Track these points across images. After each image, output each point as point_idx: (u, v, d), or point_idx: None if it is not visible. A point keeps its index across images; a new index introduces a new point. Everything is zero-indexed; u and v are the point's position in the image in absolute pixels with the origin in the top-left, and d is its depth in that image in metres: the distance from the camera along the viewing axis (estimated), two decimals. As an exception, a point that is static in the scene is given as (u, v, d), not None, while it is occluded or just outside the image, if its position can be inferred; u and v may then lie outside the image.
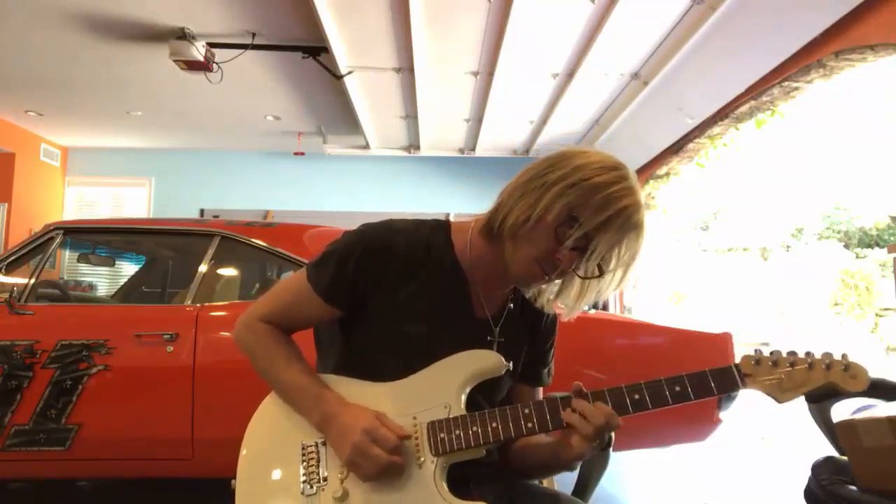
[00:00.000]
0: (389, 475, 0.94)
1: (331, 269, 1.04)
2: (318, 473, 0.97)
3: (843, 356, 0.90)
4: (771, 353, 0.92)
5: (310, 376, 1.03)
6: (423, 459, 0.96)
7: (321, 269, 1.05)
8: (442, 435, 0.97)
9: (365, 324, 1.06)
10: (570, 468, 1.04)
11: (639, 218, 0.97)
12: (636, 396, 0.94)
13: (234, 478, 1.02)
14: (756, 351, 0.93)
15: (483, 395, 1.04)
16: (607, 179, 0.95)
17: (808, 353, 0.92)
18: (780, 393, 0.91)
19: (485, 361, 1.01)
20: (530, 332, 1.14)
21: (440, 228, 1.10)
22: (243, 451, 1.03)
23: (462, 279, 1.07)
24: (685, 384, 0.93)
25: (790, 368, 0.91)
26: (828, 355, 0.91)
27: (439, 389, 1.00)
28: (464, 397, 1.00)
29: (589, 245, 0.95)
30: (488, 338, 1.08)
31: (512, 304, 1.12)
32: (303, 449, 0.99)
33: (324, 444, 0.99)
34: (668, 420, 2.59)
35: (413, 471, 0.95)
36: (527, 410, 0.97)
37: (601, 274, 1.00)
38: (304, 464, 0.98)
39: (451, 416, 0.98)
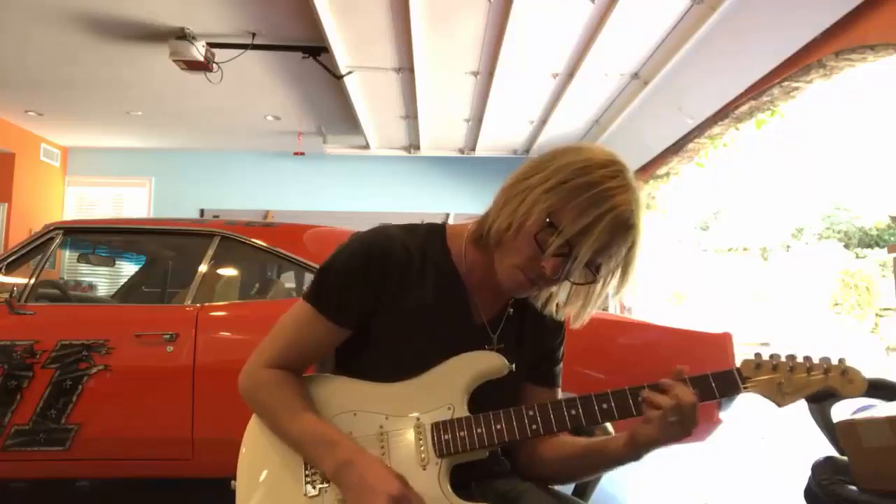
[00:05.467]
0: None
1: (334, 289, 1.00)
2: (320, 475, 0.96)
3: (841, 361, 0.91)
4: (771, 357, 0.93)
5: (319, 423, 0.96)
6: (426, 461, 0.95)
7: (323, 291, 1.00)
8: (446, 436, 0.96)
9: (364, 339, 1.04)
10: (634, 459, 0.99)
11: (627, 218, 0.91)
12: (640, 398, 0.94)
13: (234, 478, 1.01)
14: (756, 355, 0.93)
15: (487, 402, 1.01)
16: (589, 180, 0.90)
17: (806, 358, 0.92)
18: (780, 397, 0.92)
19: (487, 362, 1.01)
20: (534, 333, 1.11)
21: (435, 233, 1.07)
22: (243, 452, 1.02)
23: (459, 285, 1.05)
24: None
25: (790, 373, 0.92)
26: (826, 360, 0.91)
27: (443, 391, 0.99)
28: (467, 398, 0.99)
29: (571, 252, 0.91)
30: (486, 346, 1.05)
31: (512, 310, 1.08)
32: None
33: None
34: (668, 420, 2.58)
35: (417, 472, 0.95)
36: (531, 412, 0.96)
37: (595, 280, 0.96)
38: (307, 464, 0.97)
39: (454, 418, 0.97)
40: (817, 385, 0.91)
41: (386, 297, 1.01)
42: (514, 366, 1.01)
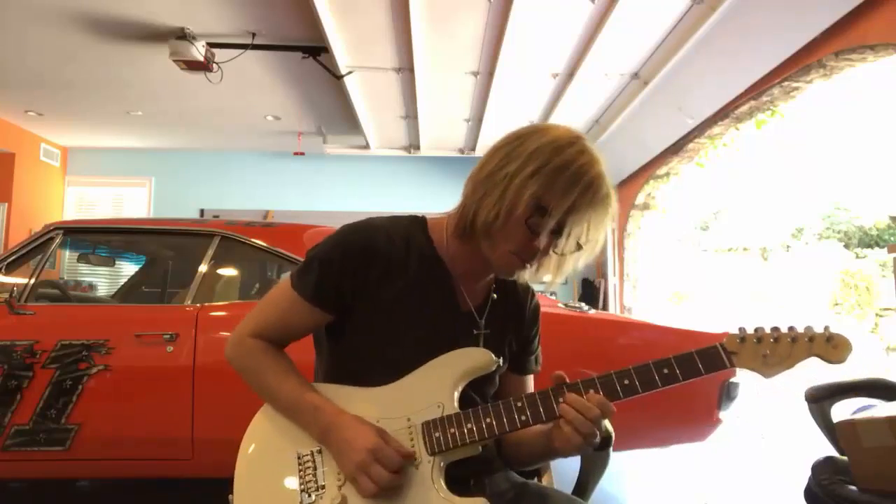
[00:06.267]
0: (390, 492, 0.94)
1: (315, 273, 1.03)
2: (315, 482, 0.97)
3: (826, 328, 0.91)
4: (755, 331, 0.93)
5: (305, 388, 1.02)
6: (419, 460, 0.96)
7: (305, 274, 1.05)
8: (437, 434, 0.97)
9: (352, 326, 1.06)
10: (564, 456, 1.04)
11: (604, 189, 0.97)
12: (626, 382, 0.94)
13: (231, 493, 1.01)
14: (740, 329, 0.94)
15: (475, 389, 1.05)
16: (565, 160, 0.95)
17: (791, 328, 0.92)
18: (766, 368, 0.92)
19: (475, 359, 1.02)
20: (515, 320, 1.15)
21: (417, 224, 1.11)
22: (239, 466, 1.02)
23: (445, 272, 1.08)
24: (673, 366, 0.94)
25: (774, 344, 0.92)
26: (809, 329, 0.91)
27: (431, 390, 1.00)
28: (457, 395, 1.00)
29: (563, 230, 0.97)
30: (474, 331, 1.08)
31: (495, 295, 1.12)
32: (298, 459, 0.99)
33: (319, 452, 0.99)
34: (668, 420, 2.59)
35: (410, 472, 0.95)
36: (519, 404, 0.97)
37: (579, 248, 1.01)
38: (301, 473, 0.98)
39: (444, 415, 0.98)
40: (802, 354, 0.91)
41: (369, 286, 1.03)
42: (501, 360, 1.03)
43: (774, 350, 0.92)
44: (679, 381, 0.93)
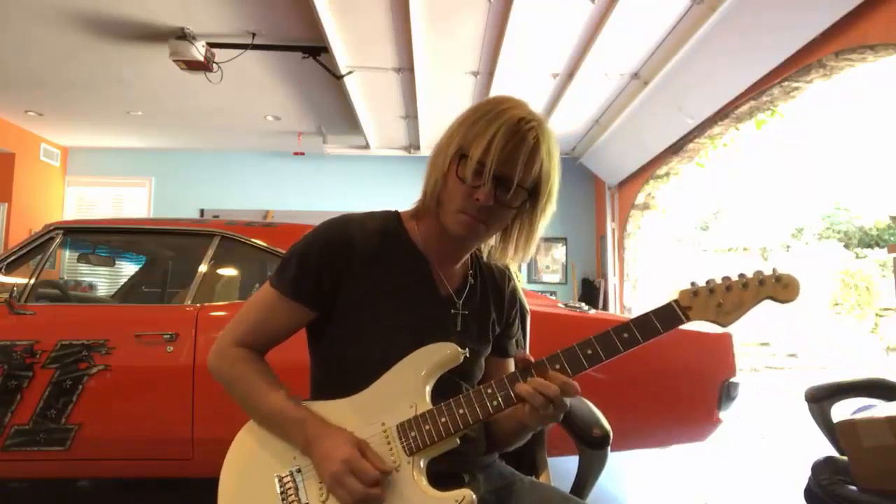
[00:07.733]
0: (372, 500, 0.93)
1: (294, 268, 1.05)
2: (298, 501, 0.97)
3: (773, 270, 0.93)
4: (707, 283, 0.94)
5: (289, 401, 1.02)
6: (398, 464, 0.96)
7: (284, 271, 1.06)
8: (413, 433, 0.96)
9: (334, 322, 1.06)
10: (535, 429, 1.06)
11: (518, 122, 0.99)
12: (589, 351, 0.95)
13: None
14: (692, 283, 0.95)
15: (463, 377, 1.06)
16: (483, 111, 1.01)
17: (741, 275, 0.94)
18: (722, 317, 0.93)
19: (442, 354, 1.01)
20: (496, 304, 1.17)
21: (391, 217, 1.14)
22: (220, 493, 1.02)
23: (421, 259, 1.10)
24: (632, 329, 0.95)
25: (727, 292, 0.93)
26: (759, 272, 0.93)
27: (403, 391, 1.00)
28: (429, 389, 0.99)
29: (484, 169, 0.97)
30: (452, 310, 1.10)
31: (473, 280, 1.14)
32: (279, 481, 0.99)
33: (298, 471, 0.99)
34: (668, 420, 2.59)
35: (392, 477, 0.95)
36: (490, 390, 0.97)
37: (535, 195, 1.03)
38: (283, 495, 0.98)
39: (418, 414, 0.98)
40: (756, 297, 0.92)
41: (348, 279, 1.05)
42: (467, 351, 1.03)
43: (727, 298, 0.93)
44: (640, 342, 0.95)
